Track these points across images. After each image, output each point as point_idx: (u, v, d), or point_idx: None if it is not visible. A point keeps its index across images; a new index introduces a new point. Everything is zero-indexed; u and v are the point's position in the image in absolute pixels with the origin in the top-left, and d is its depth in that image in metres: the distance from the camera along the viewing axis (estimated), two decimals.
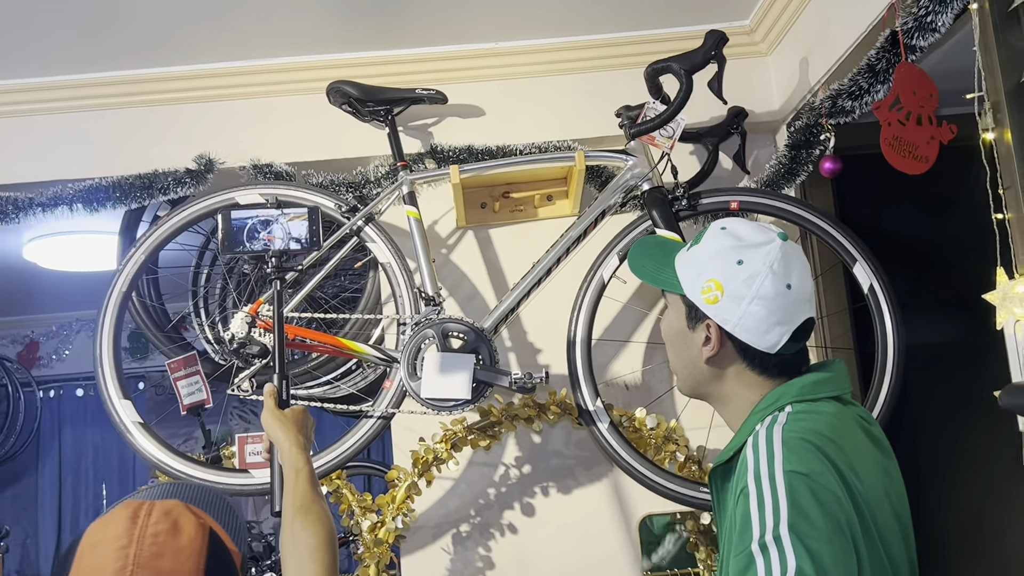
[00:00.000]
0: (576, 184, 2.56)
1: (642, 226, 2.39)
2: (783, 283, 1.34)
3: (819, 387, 1.35)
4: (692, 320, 1.41)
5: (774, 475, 1.19)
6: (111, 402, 2.42)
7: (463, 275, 2.73)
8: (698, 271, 1.39)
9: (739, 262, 1.35)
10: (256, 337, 2.27)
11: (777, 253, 1.35)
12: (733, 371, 1.39)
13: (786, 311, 1.34)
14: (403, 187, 2.40)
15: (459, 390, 2.19)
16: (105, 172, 2.59)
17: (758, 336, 1.35)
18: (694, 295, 1.39)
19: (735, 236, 1.38)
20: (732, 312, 1.35)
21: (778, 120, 2.71)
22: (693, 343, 1.41)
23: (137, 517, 1.16)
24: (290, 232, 2.03)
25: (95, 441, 5.87)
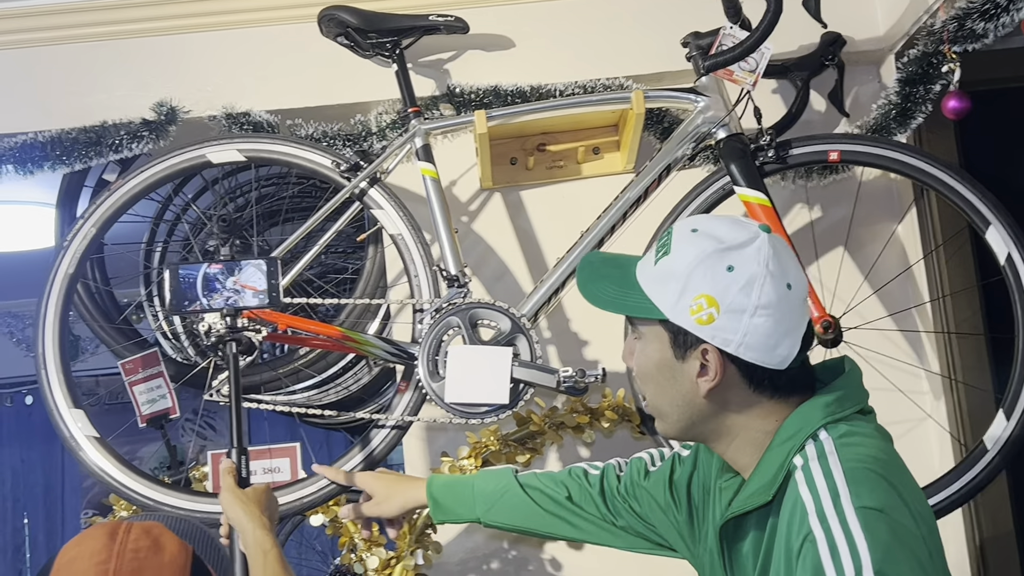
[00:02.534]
0: (632, 133, 2.56)
1: (718, 183, 2.39)
2: (783, 284, 1.38)
3: (844, 402, 1.41)
4: (680, 348, 1.43)
5: (843, 514, 1.25)
6: (58, 412, 2.43)
7: (489, 249, 2.74)
8: (680, 287, 1.41)
9: (729, 268, 1.38)
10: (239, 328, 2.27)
11: (768, 250, 1.39)
12: (738, 400, 1.43)
13: (792, 317, 1.39)
14: (416, 139, 2.40)
15: (494, 392, 2.19)
16: (42, 125, 2.59)
17: (766, 353, 1.39)
18: (680, 317, 1.41)
19: (713, 237, 1.41)
20: (733, 330, 1.38)
21: (884, 49, 2.70)
22: (684, 376, 1.44)
23: (116, 534, 1.30)
24: (246, 285, 2.10)
25: (14, 463, 5.92)
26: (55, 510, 5.86)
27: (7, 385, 5.89)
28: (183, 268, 2.08)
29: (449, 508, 1.92)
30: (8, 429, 5.90)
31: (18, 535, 5.86)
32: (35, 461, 5.90)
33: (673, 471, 1.71)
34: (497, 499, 1.87)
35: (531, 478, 1.89)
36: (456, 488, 1.93)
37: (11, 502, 5.90)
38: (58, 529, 5.83)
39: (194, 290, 2.08)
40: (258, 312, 2.28)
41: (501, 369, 2.20)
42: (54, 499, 5.87)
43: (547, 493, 1.86)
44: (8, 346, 5.80)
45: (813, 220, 2.75)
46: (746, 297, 1.36)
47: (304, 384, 3.19)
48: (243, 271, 2.09)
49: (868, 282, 2.67)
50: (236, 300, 2.08)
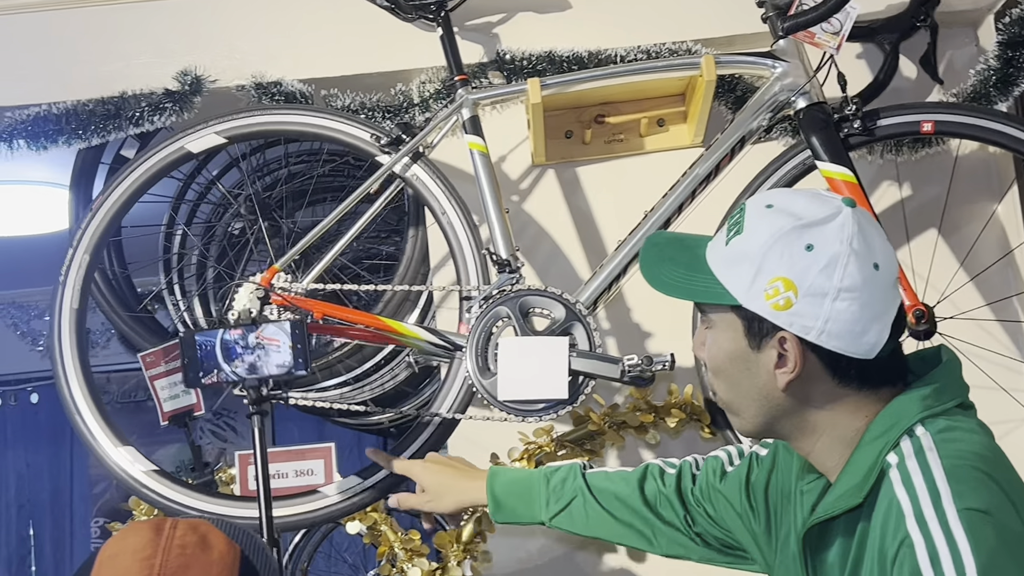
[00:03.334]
0: (701, 102, 2.57)
1: (797, 158, 2.40)
2: (869, 263, 1.37)
3: (942, 395, 1.41)
4: (755, 337, 1.43)
5: (944, 516, 1.24)
6: (76, 408, 2.47)
7: (541, 231, 2.75)
8: (754, 270, 1.40)
9: (808, 247, 1.37)
10: (271, 317, 2.32)
11: (852, 226, 1.37)
12: (821, 394, 1.43)
13: (880, 300, 1.38)
14: (463, 110, 2.43)
15: (551, 387, 2.21)
16: (56, 96, 2.63)
17: (851, 340, 1.38)
18: (754, 303, 1.41)
19: (790, 213, 1.40)
20: (813, 315, 1.37)
21: (982, 9, 2.70)
22: (760, 367, 1.44)
23: (162, 529, 1.33)
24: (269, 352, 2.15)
25: (19, 467, 6.00)
26: (63, 518, 5.93)
27: (11, 382, 5.98)
28: (199, 335, 2.14)
29: (511, 508, 1.92)
30: (12, 430, 5.97)
31: (23, 545, 5.93)
32: (41, 465, 5.97)
33: (750, 472, 1.71)
34: (565, 501, 1.87)
35: (602, 479, 1.89)
36: (520, 486, 1.93)
37: (16, 509, 5.97)
38: (66, 539, 5.90)
39: (212, 358, 2.13)
40: (292, 299, 2.33)
41: (558, 361, 2.22)
42: (62, 506, 5.94)
43: (620, 497, 1.85)
44: (12, 339, 5.90)
45: (904, 199, 2.74)
46: (827, 279, 1.36)
47: (336, 380, 3.22)
48: (265, 332, 2.14)
49: (964, 268, 2.67)
50: (259, 367, 2.13)
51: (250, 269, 3.28)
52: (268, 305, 2.33)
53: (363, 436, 4.75)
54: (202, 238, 3.34)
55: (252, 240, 3.13)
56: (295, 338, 2.11)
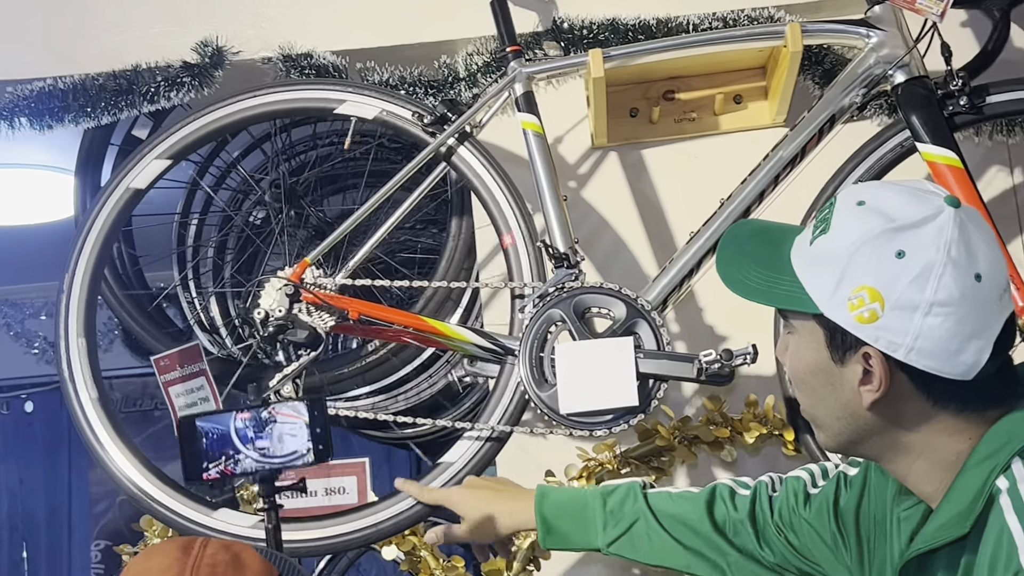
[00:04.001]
0: (784, 76, 2.55)
1: (895, 139, 2.37)
2: (969, 274, 1.34)
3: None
4: (838, 350, 1.41)
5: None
6: (82, 415, 2.46)
7: (602, 221, 2.74)
8: (838, 276, 1.38)
9: (899, 253, 1.35)
10: (301, 316, 2.29)
11: (952, 231, 1.34)
12: (914, 414, 1.40)
13: (981, 315, 1.35)
14: (515, 85, 2.41)
15: (618, 394, 2.18)
16: (63, 70, 2.64)
17: (945, 360, 1.35)
18: (837, 313, 1.39)
19: (882, 213, 1.38)
20: (901, 331, 1.35)
21: None
22: (844, 383, 1.42)
23: (191, 548, 1.33)
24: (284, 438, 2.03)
25: (11, 483, 6.03)
26: (60, 540, 5.95)
27: (3, 389, 5.99)
28: (201, 421, 2.02)
29: (563, 533, 1.90)
30: (5, 442, 5.99)
31: (16, 569, 5.96)
32: (36, 481, 5.99)
33: (838, 496, 1.69)
34: (625, 526, 1.85)
35: (665, 500, 1.87)
36: (573, 509, 1.91)
37: (7, 531, 6.01)
38: (63, 563, 5.93)
39: (219, 447, 2.02)
40: (325, 296, 2.31)
41: (624, 364, 2.19)
42: (59, 527, 5.96)
43: (686, 522, 1.83)
44: (5, 341, 5.92)
45: (1016, 186, 2.72)
46: (919, 291, 1.33)
47: (368, 388, 3.21)
48: (278, 414, 2.03)
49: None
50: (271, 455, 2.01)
51: (271, 264, 3.28)
52: (298, 303, 2.31)
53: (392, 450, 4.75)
54: (220, 229, 3.33)
55: (277, 231, 3.10)
56: (314, 420, 2.01)
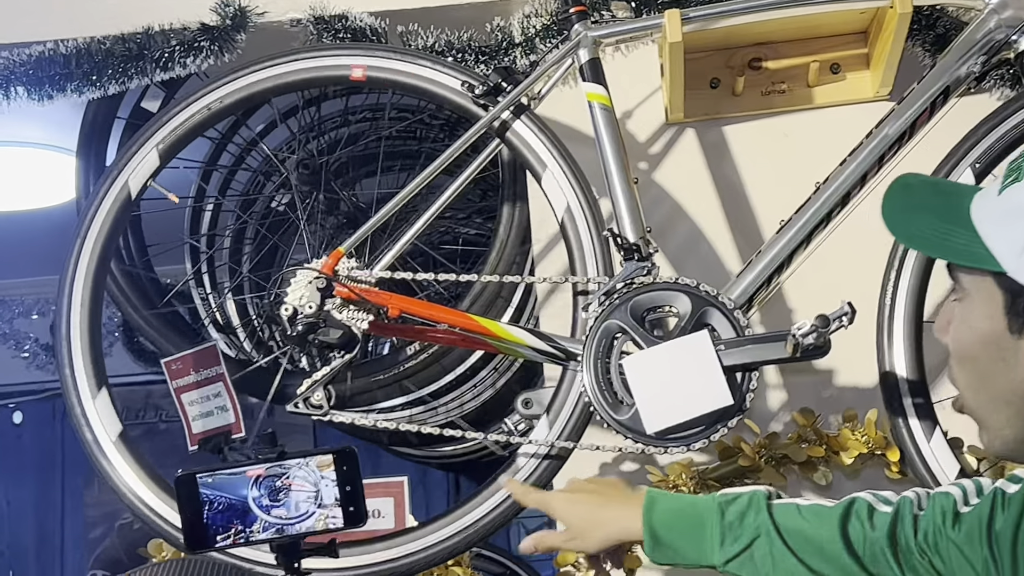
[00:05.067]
0: (891, 43, 2.56)
1: (1018, 116, 2.35)
2: None
3: None
4: (1018, 317, 1.39)
5: None
6: (85, 424, 2.48)
7: (678, 208, 2.76)
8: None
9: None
10: (334, 314, 2.31)
11: None
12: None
13: None
14: (580, 51, 2.42)
15: (708, 396, 2.19)
16: (65, 32, 2.67)
17: None
18: (1021, 272, 1.37)
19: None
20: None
21: None
22: (1020, 359, 1.40)
23: (185, 568, 1.29)
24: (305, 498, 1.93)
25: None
26: (51, 569, 5.98)
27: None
28: (206, 479, 1.90)
29: (674, 546, 1.87)
30: None
31: None
32: (25, 501, 6.03)
33: (993, 516, 1.63)
34: (745, 542, 1.82)
35: (792, 515, 1.83)
36: (686, 518, 1.88)
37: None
38: None
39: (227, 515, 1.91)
40: (362, 291, 2.32)
41: (705, 362, 2.20)
42: (50, 553, 5.99)
43: (816, 540, 1.79)
44: None
45: None
46: None
47: (405, 399, 3.23)
48: (297, 472, 1.92)
49: None
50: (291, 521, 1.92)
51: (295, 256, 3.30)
52: (330, 298, 2.32)
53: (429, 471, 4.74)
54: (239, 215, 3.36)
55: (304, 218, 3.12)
56: (342, 476, 1.92)
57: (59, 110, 2.95)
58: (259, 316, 3.27)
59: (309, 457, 1.91)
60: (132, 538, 5.80)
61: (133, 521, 5.54)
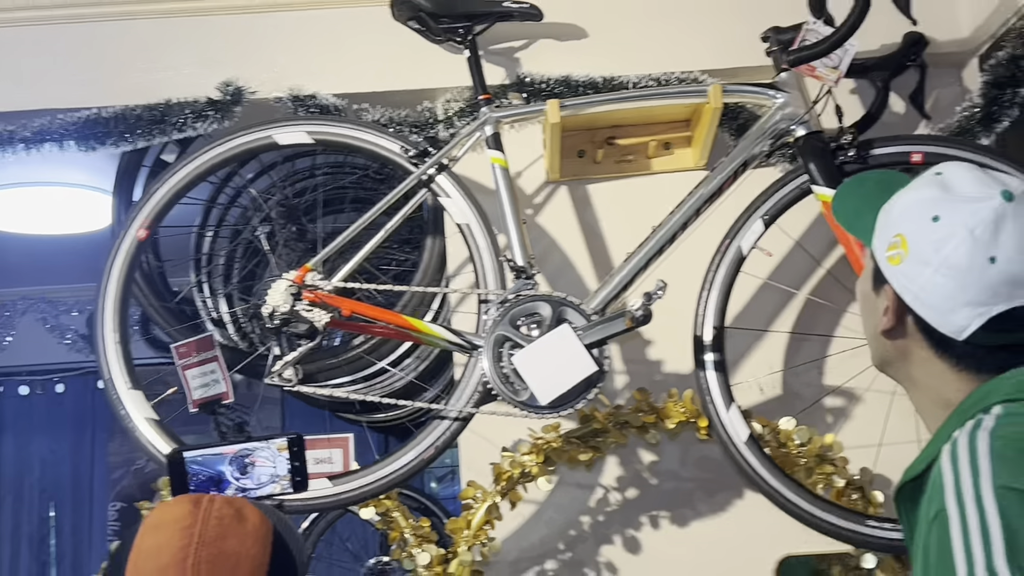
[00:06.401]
0: (706, 128, 2.57)
1: (795, 182, 2.40)
2: (984, 255, 1.30)
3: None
4: (876, 282, 1.43)
5: (981, 493, 1.17)
6: (119, 395, 2.46)
7: (553, 243, 2.75)
8: (891, 222, 1.39)
9: (934, 218, 1.33)
10: (303, 313, 2.30)
11: (987, 214, 1.30)
12: (919, 353, 1.39)
13: (982, 290, 1.31)
14: (486, 127, 2.42)
15: (579, 368, 2.20)
16: (106, 101, 2.63)
17: (940, 315, 1.34)
18: (879, 251, 1.40)
19: (944, 186, 1.35)
20: (913, 279, 1.34)
21: (966, 52, 2.70)
22: (876, 310, 1.42)
23: (200, 502, 1.37)
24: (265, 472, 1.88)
25: (43, 453, 5.95)
26: (83, 502, 5.85)
27: (39, 372, 5.90)
28: (191, 456, 1.85)
29: None
30: (38, 418, 5.89)
31: (44, 525, 5.86)
32: (64, 452, 5.90)
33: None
34: None
35: None
36: None
37: (38, 492, 5.89)
38: (85, 522, 5.83)
39: (206, 485, 1.85)
40: (323, 296, 2.32)
41: (571, 345, 2.22)
42: (82, 491, 5.85)
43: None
44: (41, 332, 5.83)
45: None
46: (935, 251, 1.32)
47: (349, 378, 3.21)
48: (260, 453, 1.87)
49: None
50: (253, 488, 1.85)
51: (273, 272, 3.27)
52: (299, 301, 2.31)
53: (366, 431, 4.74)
54: (231, 240, 3.32)
55: (281, 243, 3.10)
56: (293, 455, 1.85)
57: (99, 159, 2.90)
58: (244, 314, 3.23)
59: (269, 441, 1.86)
60: (143, 478, 5.76)
61: (144, 465, 5.55)
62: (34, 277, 5.49)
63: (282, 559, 1.38)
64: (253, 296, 3.36)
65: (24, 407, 5.96)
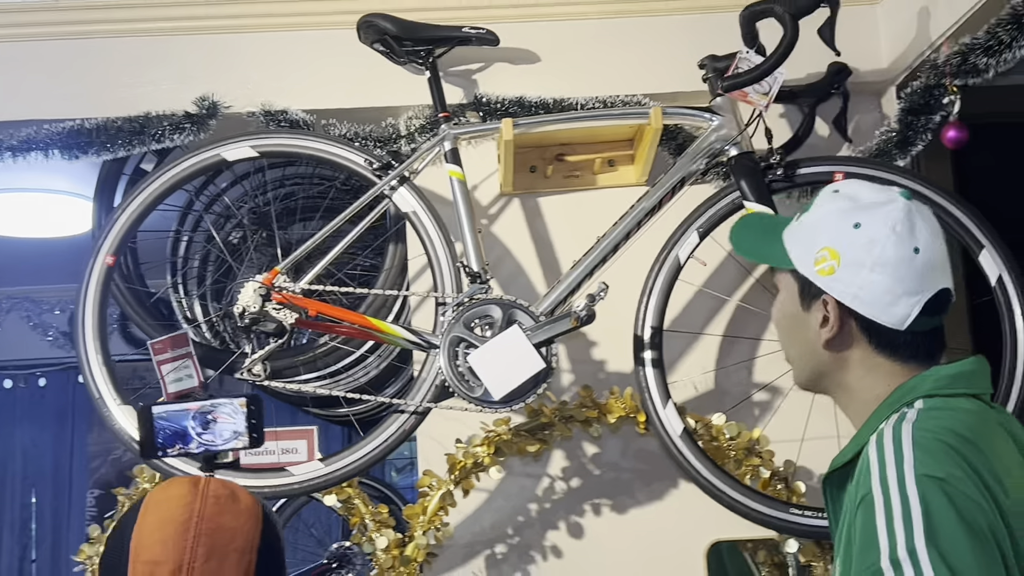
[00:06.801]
0: (647, 147, 2.56)
1: (728, 198, 2.39)
2: (908, 247, 1.34)
3: (956, 381, 1.37)
4: (806, 298, 1.43)
5: (903, 480, 1.20)
6: (107, 406, 2.43)
7: (506, 251, 2.73)
8: (810, 240, 1.41)
9: (856, 225, 1.36)
10: (272, 312, 2.27)
11: (900, 213, 1.35)
12: (858, 355, 1.40)
13: (914, 279, 1.35)
14: (445, 143, 2.40)
15: (528, 365, 2.19)
16: (89, 113, 2.57)
17: (882, 309, 1.36)
18: (806, 268, 1.41)
19: (850, 198, 1.39)
20: (851, 282, 1.36)
21: (885, 81, 2.72)
22: (809, 326, 1.43)
23: (198, 483, 1.40)
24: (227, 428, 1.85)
25: (25, 443, 5.82)
26: (63, 489, 5.73)
27: (22, 367, 5.80)
28: (158, 411, 1.83)
29: None
30: (21, 410, 5.77)
31: (25, 511, 5.75)
32: (46, 442, 5.77)
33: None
34: None
35: None
36: None
37: (20, 479, 5.76)
38: (64, 507, 5.72)
39: (172, 437, 1.83)
40: (291, 297, 2.28)
41: (521, 344, 2.20)
42: (62, 478, 5.74)
43: None
44: (25, 330, 5.74)
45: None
46: (867, 253, 1.34)
47: (315, 374, 3.16)
48: (222, 409, 1.85)
49: None
50: (213, 443, 1.82)
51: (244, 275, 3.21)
52: (269, 302, 2.27)
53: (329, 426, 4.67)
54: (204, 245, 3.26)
55: (252, 247, 3.04)
56: (251, 414, 1.84)
57: (81, 167, 2.85)
58: (216, 315, 3.16)
59: (231, 400, 1.84)
60: (120, 466, 5.67)
61: (121, 455, 5.44)
62: (18, 278, 5.39)
63: (270, 535, 1.40)
64: (224, 297, 3.29)
65: (8, 400, 5.82)
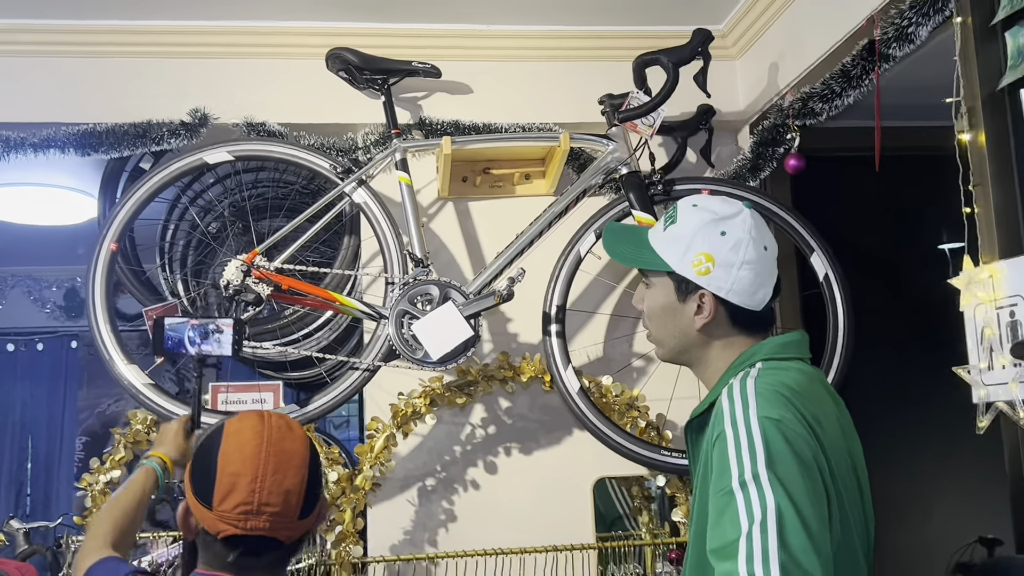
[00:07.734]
0: (557, 164, 2.59)
1: (619, 207, 2.44)
2: (761, 246, 1.39)
3: (787, 348, 1.42)
4: (682, 293, 1.43)
5: (749, 421, 1.24)
6: (116, 365, 2.34)
7: (442, 244, 2.74)
8: (685, 247, 1.41)
9: (722, 233, 1.38)
10: (251, 285, 2.24)
11: (751, 220, 1.40)
12: (720, 334, 1.43)
13: (767, 271, 1.40)
14: (396, 154, 2.40)
15: (460, 333, 2.21)
16: (100, 118, 2.51)
17: (749, 297, 1.40)
18: (684, 270, 1.42)
19: (710, 211, 1.42)
20: (725, 279, 1.39)
21: (741, 120, 2.80)
22: (684, 314, 1.43)
23: (263, 416, 1.41)
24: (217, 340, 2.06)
25: (24, 397, 5.62)
26: (55, 435, 5.55)
27: (23, 334, 5.60)
28: (168, 323, 2.05)
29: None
30: (22, 369, 5.57)
31: (23, 453, 5.55)
32: (42, 396, 5.59)
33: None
34: None
35: None
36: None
37: (20, 427, 5.57)
38: (56, 451, 5.53)
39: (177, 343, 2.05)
40: (268, 273, 2.26)
41: (454, 317, 2.22)
42: (55, 426, 5.55)
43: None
44: (27, 303, 5.57)
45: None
46: (735, 255, 1.37)
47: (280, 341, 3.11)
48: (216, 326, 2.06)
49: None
50: (207, 350, 2.05)
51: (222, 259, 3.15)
52: (249, 277, 2.25)
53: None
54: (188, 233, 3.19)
55: (230, 236, 2.99)
56: (235, 331, 2.06)
57: (81, 167, 2.79)
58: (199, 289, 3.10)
59: (220, 320, 2.05)
60: (104, 419, 5.53)
61: (106, 408, 5.29)
62: (22, 259, 5.26)
63: (315, 456, 1.41)
64: (203, 277, 3.23)
65: (10, 360, 5.61)
